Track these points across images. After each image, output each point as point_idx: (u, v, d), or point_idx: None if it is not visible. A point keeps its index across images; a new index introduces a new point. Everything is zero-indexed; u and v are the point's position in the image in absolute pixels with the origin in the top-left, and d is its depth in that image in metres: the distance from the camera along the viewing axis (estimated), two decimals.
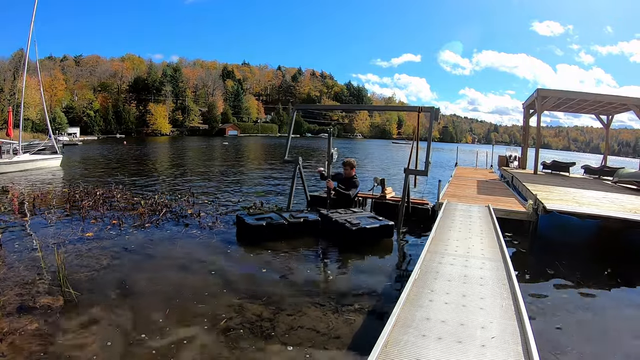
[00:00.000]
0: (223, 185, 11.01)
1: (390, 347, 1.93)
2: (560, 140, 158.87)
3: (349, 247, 4.81)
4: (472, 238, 4.20)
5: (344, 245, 4.88)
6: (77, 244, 4.61)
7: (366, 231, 4.94)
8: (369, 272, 4.15)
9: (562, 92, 12.23)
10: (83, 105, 63.50)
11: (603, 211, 5.46)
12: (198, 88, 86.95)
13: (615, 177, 9.99)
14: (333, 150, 6.32)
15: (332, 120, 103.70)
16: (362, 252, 4.70)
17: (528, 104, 14.26)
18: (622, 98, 12.38)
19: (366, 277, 3.97)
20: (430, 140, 6.09)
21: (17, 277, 3.55)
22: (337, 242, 5.02)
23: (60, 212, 6.34)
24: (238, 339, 2.66)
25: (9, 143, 13.09)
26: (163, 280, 3.68)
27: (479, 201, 6.83)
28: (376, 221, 5.22)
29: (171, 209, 6.58)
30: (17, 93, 24.35)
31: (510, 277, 2.91)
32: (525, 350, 1.91)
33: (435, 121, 6.15)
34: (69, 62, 74.77)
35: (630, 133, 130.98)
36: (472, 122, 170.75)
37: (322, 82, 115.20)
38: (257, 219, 5.13)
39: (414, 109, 6.37)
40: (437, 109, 6.11)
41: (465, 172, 13.32)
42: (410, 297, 2.53)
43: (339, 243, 4.98)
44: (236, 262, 4.26)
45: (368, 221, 5.19)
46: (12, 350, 2.41)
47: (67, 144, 28.85)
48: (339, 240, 5.00)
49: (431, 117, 6.08)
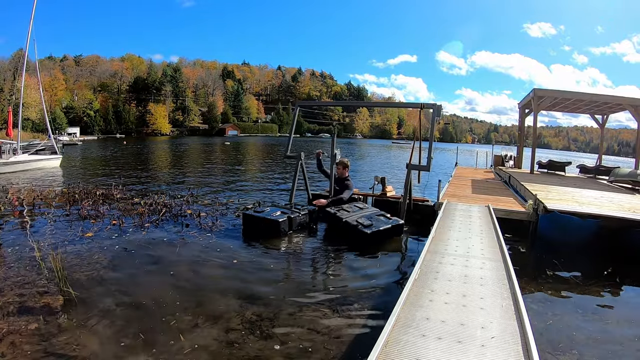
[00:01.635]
0: (223, 185, 11.01)
1: (390, 346, 1.93)
2: (560, 140, 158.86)
3: (350, 247, 4.82)
4: (472, 238, 4.20)
5: (356, 246, 4.83)
6: (77, 244, 4.61)
7: (380, 233, 4.95)
8: (369, 271, 4.15)
9: (558, 92, 12.25)
10: (83, 105, 63.53)
11: (604, 211, 5.46)
12: (198, 88, 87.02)
13: (612, 177, 9.99)
14: (336, 151, 6.28)
15: (333, 120, 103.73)
16: (362, 252, 4.69)
17: (524, 104, 14.30)
18: (618, 98, 12.41)
19: (366, 277, 3.97)
20: (432, 135, 6.11)
21: (17, 277, 3.54)
22: (344, 242, 5.00)
23: (60, 212, 6.34)
24: (238, 339, 2.66)
25: (8, 143, 13.09)
26: (162, 280, 3.67)
27: (479, 201, 6.83)
28: (387, 221, 5.21)
29: (171, 209, 6.58)
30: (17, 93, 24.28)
31: (510, 277, 2.91)
32: (525, 350, 1.91)
33: (438, 117, 6.15)
34: (69, 62, 74.79)
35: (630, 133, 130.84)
36: (472, 122, 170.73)
37: (322, 82, 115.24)
38: (275, 214, 5.19)
39: (417, 106, 6.45)
40: (440, 106, 6.11)
41: (465, 172, 13.31)
42: (410, 297, 2.53)
43: (343, 242, 4.98)
44: (236, 262, 4.26)
45: (379, 221, 5.17)
46: (12, 350, 2.41)
47: (67, 144, 28.91)
48: (349, 241, 4.97)
49: (433, 113, 6.09)
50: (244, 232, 5.38)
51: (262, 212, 5.35)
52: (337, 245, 4.95)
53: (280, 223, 5.09)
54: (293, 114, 7.69)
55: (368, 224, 5.00)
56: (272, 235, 5.08)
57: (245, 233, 5.34)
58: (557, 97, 12.13)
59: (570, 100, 12.28)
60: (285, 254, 4.59)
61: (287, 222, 5.21)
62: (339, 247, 4.89)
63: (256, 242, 4.90)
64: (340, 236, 5.16)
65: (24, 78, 16.32)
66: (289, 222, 5.24)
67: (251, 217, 5.35)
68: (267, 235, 5.07)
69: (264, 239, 4.96)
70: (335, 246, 4.93)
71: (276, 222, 5.09)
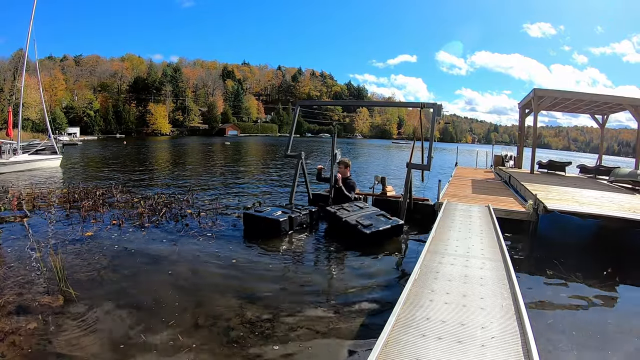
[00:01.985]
0: (223, 184, 11.01)
1: (390, 346, 1.93)
2: (560, 140, 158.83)
3: (350, 247, 4.81)
4: (472, 238, 4.20)
5: (355, 246, 4.83)
6: (77, 244, 4.61)
7: (379, 233, 4.96)
8: (369, 271, 4.15)
9: (558, 91, 12.24)
10: (83, 105, 63.50)
11: (605, 211, 5.46)
12: (198, 88, 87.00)
13: (612, 177, 9.98)
14: (337, 151, 6.26)
15: (333, 120, 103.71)
16: (362, 252, 4.69)
17: (524, 104, 14.30)
18: (618, 98, 12.41)
19: (366, 277, 3.97)
20: (432, 135, 6.12)
21: (16, 276, 3.55)
22: (344, 241, 4.99)
23: (60, 212, 6.34)
24: (238, 339, 2.66)
25: (8, 143, 13.09)
26: (163, 280, 3.68)
27: (479, 201, 6.83)
28: (387, 221, 5.20)
29: (171, 209, 6.58)
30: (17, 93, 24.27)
31: (510, 277, 2.91)
32: (525, 350, 1.91)
33: (438, 117, 6.17)
34: (69, 62, 74.75)
35: (630, 133, 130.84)
36: (472, 122, 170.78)
37: (322, 82, 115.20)
38: (276, 214, 5.20)
39: (417, 105, 6.53)
40: (440, 105, 6.14)
41: (465, 172, 13.32)
42: (410, 297, 2.53)
43: (343, 242, 4.97)
44: (236, 262, 4.26)
45: (379, 221, 5.17)
46: (12, 350, 2.41)
47: (67, 144, 28.92)
48: (349, 241, 4.96)
49: (434, 112, 6.12)
50: (245, 232, 5.38)
51: (262, 212, 5.36)
52: (337, 245, 4.95)
53: (281, 223, 5.10)
54: (294, 114, 7.68)
55: (368, 223, 4.99)
56: (273, 234, 5.09)
57: (247, 233, 5.34)
58: (557, 97, 12.13)
59: (571, 100, 12.29)
60: (285, 254, 4.59)
61: (287, 222, 5.21)
62: (339, 246, 4.89)
63: (256, 242, 4.90)
64: (340, 236, 5.16)
65: (24, 78, 16.31)
66: (290, 221, 5.25)
67: (252, 216, 5.35)
68: (268, 235, 5.08)
69: (263, 239, 4.96)
70: (335, 246, 4.93)
71: (277, 222, 5.10)
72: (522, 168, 13.74)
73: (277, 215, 5.22)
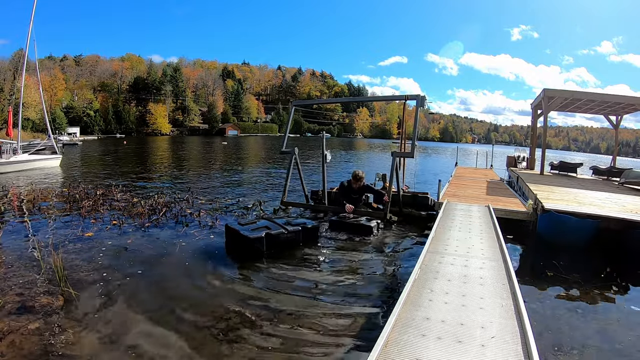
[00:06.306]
0: (223, 184, 11.00)
1: (390, 346, 1.93)
2: (560, 140, 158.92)
3: (350, 247, 4.82)
4: (472, 238, 4.20)
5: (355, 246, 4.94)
6: (77, 244, 4.61)
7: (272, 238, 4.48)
8: (369, 272, 4.15)
9: (569, 92, 12.13)
10: (83, 105, 63.39)
11: (601, 211, 5.45)
12: (198, 88, 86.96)
13: (622, 178, 9.90)
14: (327, 152, 6.39)
15: (333, 120, 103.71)
16: (362, 252, 4.70)
17: (536, 105, 14.18)
18: (630, 98, 12.34)
19: (366, 277, 3.97)
20: (417, 125, 6.47)
21: (17, 276, 3.54)
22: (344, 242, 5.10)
23: (60, 212, 6.34)
24: (238, 339, 2.66)
25: (8, 143, 13.08)
26: (163, 280, 3.68)
27: (479, 201, 6.83)
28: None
29: (171, 209, 6.58)
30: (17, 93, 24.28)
31: (510, 277, 2.90)
32: (525, 350, 1.91)
33: (422, 107, 6.45)
34: (69, 62, 74.69)
35: (630, 133, 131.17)
36: (472, 122, 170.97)
37: (323, 82, 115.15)
38: (253, 229, 4.49)
39: (401, 98, 6.91)
40: (424, 97, 6.43)
41: (466, 172, 13.32)
42: (410, 297, 2.53)
43: (343, 242, 5.06)
44: (236, 262, 4.26)
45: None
46: (12, 350, 2.41)
47: (67, 143, 28.86)
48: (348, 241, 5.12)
49: (417, 104, 6.42)
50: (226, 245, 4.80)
51: (244, 225, 4.71)
52: (337, 245, 4.96)
53: (253, 240, 4.28)
54: (289, 113, 8.07)
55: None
56: (245, 253, 4.35)
57: (227, 245, 4.77)
58: (567, 98, 12.05)
59: (582, 100, 12.20)
60: (285, 255, 4.58)
61: (262, 240, 4.37)
62: (338, 247, 4.89)
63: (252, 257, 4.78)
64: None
65: (24, 78, 16.30)
66: (268, 239, 4.42)
67: (230, 229, 4.72)
68: (242, 253, 4.40)
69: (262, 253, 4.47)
70: (335, 246, 4.93)
71: (249, 240, 4.28)
72: (534, 169, 13.68)
73: (253, 231, 4.49)
